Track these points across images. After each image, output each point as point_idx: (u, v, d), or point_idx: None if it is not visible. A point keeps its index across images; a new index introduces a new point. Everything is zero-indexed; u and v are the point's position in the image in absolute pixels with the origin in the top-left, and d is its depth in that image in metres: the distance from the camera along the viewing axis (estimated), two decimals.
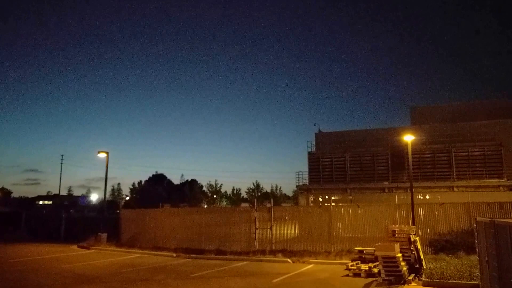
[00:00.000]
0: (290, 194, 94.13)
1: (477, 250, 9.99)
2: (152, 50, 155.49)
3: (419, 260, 13.58)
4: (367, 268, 13.88)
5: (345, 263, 15.21)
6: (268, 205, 22.95)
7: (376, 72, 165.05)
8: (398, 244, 13.21)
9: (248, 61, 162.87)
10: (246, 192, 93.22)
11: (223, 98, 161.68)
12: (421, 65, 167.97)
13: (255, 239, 20.45)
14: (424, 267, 13.32)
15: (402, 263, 12.69)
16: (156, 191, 75.35)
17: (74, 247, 24.09)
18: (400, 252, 13.03)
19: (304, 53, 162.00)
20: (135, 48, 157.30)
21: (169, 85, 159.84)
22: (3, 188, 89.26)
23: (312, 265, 16.61)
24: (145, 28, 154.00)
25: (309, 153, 31.73)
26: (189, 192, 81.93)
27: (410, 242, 13.58)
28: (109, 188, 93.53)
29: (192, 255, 19.74)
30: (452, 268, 12.78)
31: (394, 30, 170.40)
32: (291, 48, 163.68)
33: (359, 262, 14.89)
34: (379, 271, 12.99)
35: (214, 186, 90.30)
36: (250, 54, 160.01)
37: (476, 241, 9.97)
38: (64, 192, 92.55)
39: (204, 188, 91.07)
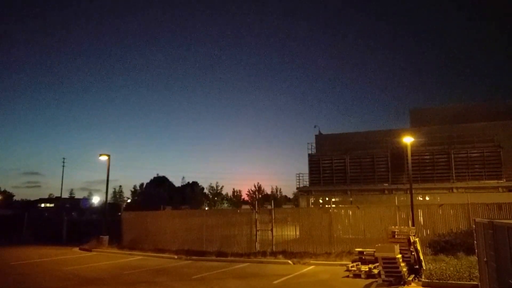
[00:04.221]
0: (291, 196, 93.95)
1: (476, 251, 10.05)
2: (153, 53, 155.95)
3: (418, 261, 13.67)
4: (367, 269, 13.97)
5: (345, 264, 15.29)
6: (269, 207, 23.05)
7: (376, 75, 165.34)
8: (398, 245, 13.31)
9: (249, 64, 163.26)
10: (247, 194, 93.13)
11: (224, 101, 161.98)
12: (421, 67, 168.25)
13: (256, 241, 20.54)
14: (424, 268, 13.41)
15: (402, 264, 12.80)
16: (158, 193, 75.33)
17: (76, 249, 24.18)
18: (400, 253, 13.13)
19: (304, 55, 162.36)
20: (136, 51, 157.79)
21: (170, 88, 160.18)
22: (5, 191, 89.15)
23: (313, 266, 16.71)
24: (147, 31, 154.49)
25: (309, 155, 31.84)
26: (190, 194, 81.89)
27: (409, 243, 13.67)
28: (110, 191, 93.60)
29: (193, 257, 19.85)
30: (451, 268, 12.86)
31: (394, 32, 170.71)
32: (292, 51, 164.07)
33: (359, 263, 14.99)
34: (379, 272, 13.09)
35: (215, 188, 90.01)
36: (250, 57, 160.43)
37: (475, 242, 10.03)
38: (65, 195, 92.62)
39: (205, 190, 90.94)
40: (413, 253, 13.63)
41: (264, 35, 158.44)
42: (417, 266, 13.56)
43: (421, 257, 13.84)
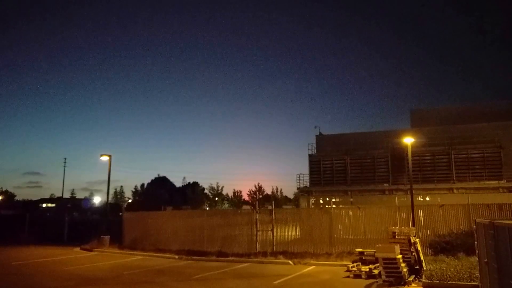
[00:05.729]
0: (291, 196, 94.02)
1: (477, 251, 10.06)
2: (154, 53, 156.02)
3: (419, 262, 13.70)
4: (367, 270, 14.00)
5: (346, 265, 15.33)
6: (269, 207, 23.07)
7: (376, 75, 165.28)
8: (399, 245, 13.35)
9: (249, 64, 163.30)
10: (247, 194, 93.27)
11: (224, 101, 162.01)
12: (421, 68, 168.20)
13: (256, 241, 20.56)
14: (424, 268, 13.42)
15: (402, 265, 12.82)
16: (159, 193, 75.52)
17: (77, 249, 24.23)
18: (400, 253, 13.16)
19: (305, 55, 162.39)
20: (137, 51, 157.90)
21: (171, 89, 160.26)
22: (6, 191, 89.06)
23: (313, 266, 16.73)
24: (148, 31, 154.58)
25: (310, 155, 31.84)
26: (191, 195, 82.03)
27: (410, 243, 13.71)
28: (111, 191, 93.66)
29: (194, 257, 19.88)
30: (452, 269, 12.87)
31: (394, 32, 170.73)
32: (292, 51, 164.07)
33: (360, 263, 15.03)
34: (379, 272, 13.12)
35: (215, 188, 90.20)
36: (251, 57, 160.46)
37: (476, 243, 10.04)
38: (67, 195, 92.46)
39: (206, 191, 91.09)
40: (413, 254, 13.67)
41: (264, 35, 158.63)
42: (417, 267, 13.60)
43: (422, 258, 13.87)
